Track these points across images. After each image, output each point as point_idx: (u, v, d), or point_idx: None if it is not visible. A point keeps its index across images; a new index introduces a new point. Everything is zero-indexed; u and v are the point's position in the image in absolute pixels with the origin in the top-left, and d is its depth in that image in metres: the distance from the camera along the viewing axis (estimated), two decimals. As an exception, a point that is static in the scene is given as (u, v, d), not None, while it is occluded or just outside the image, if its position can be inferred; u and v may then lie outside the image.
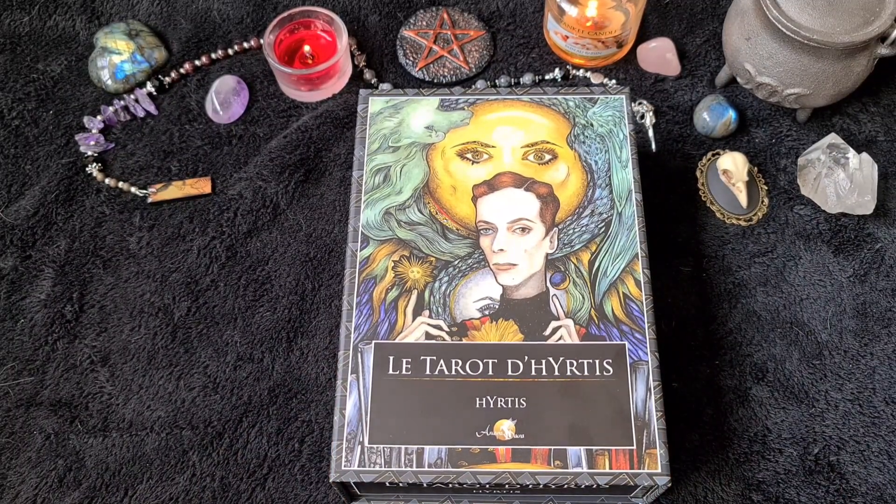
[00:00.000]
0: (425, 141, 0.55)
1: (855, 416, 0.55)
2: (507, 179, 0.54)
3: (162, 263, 0.61)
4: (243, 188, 0.64)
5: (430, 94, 0.57)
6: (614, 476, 0.45)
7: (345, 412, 0.47)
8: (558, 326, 0.49)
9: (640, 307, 0.50)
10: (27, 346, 0.59)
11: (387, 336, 0.49)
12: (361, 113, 0.56)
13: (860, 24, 0.56)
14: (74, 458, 0.55)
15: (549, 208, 0.53)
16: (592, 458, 0.46)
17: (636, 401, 0.47)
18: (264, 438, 0.55)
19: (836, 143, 0.60)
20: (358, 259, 0.51)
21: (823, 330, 0.58)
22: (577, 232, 0.52)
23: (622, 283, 0.50)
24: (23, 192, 0.65)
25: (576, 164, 0.54)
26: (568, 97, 0.57)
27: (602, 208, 0.53)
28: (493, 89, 0.58)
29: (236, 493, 0.54)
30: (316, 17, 0.68)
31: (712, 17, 0.71)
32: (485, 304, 0.50)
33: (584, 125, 0.56)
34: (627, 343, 0.49)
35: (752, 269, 0.60)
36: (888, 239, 0.61)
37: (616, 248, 0.51)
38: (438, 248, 0.52)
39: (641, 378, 0.48)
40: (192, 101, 0.68)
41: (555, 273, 0.51)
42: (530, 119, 0.56)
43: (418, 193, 0.54)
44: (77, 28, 0.72)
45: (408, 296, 0.50)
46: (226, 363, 0.58)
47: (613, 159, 0.54)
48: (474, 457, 0.46)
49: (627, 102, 0.57)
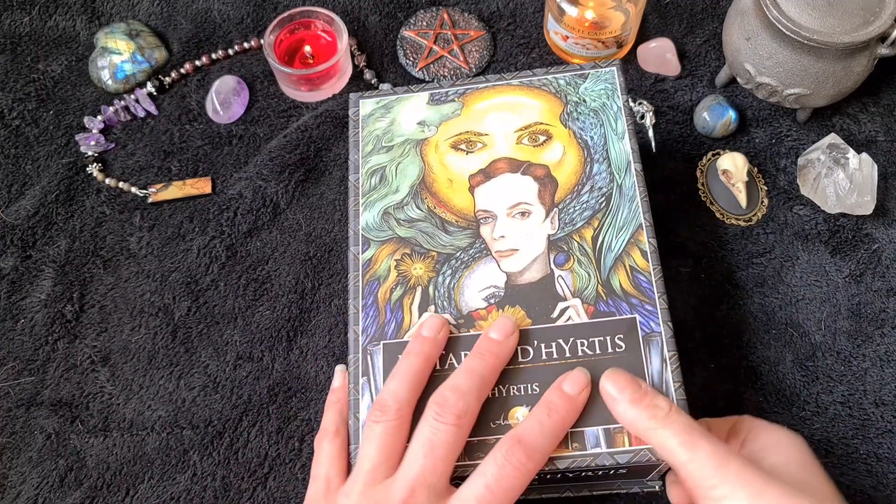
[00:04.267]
0: (418, 137, 0.55)
1: (844, 418, 0.55)
2: (502, 166, 0.53)
3: (162, 263, 0.62)
4: (243, 188, 0.64)
5: (419, 89, 0.57)
6: (635, 453, 0.44)
7: (359, 416, 0.46)
8: (566, 307, 0.48)
9: (649, 278, 0.48)
10: (27, 346, 0.59)
11: (394, 335, 0.48)
12: (353, 116, 0.56)
13: (860, 24, 0.56)
14: (75, 457, 0.55)
15: (547, 189, 0.52)
16: (611, 436, 0.44)
17: (652, 373, 0.46)
18: (265, 437, 0.55)
19: (835, 144, 0.60)
20: (360, 262, 0.51)
21: (818, 331, 0.57)
22: (578, 209, 0.51)
23: (628, 256, 0.49)
24: (23, 192, 0.65)
25: (571, 141, 0.53)
26: (558, 76, 0.56)
27: (601, 183, 0.52)
28: (481, 77, 0.57)
29: (238, 492, 0.54)
30: (316, 17, 0.68)
31: (712, 17, 0.71)
32: (490, 293, 0.49)
33: (576, 102, 0.55)
34: (638, 316, 0.47)
35: (749, 269, 0.60)
36: (886, 239, 0.60)
37: (619, 221, 0.50)
38: (439, 242, 0.51)
39: (655, 350, 0.46)
40: (192, 101, 0.68)
41: (558, 254, 0.50)
42: (521, 102, 0.55)
43: (415, 190, 0.53)
44: (77, 28, 0.72)
45: (412, 293, 0.50)
46: (226, 362, 0.58)
47: (609, 132, 0.53)
48: (491, 448, 0.44)
49: (619, 74, 0.55)
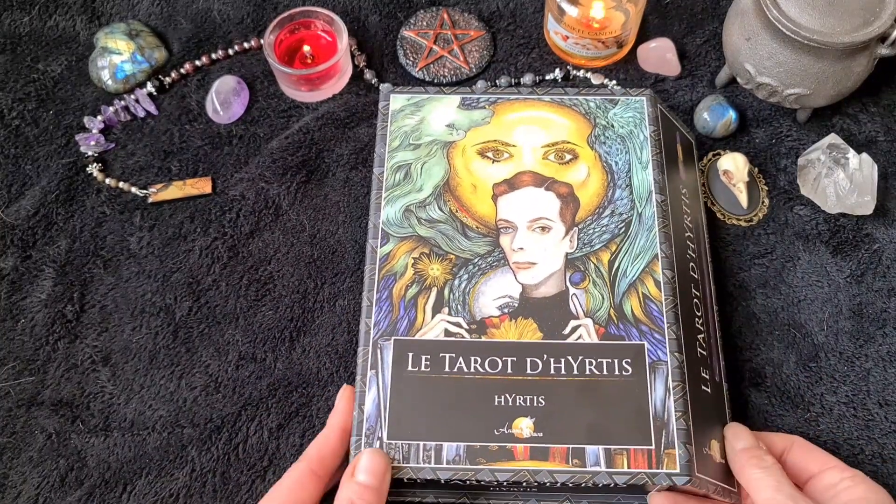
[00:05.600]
0: (446, 139, 0.55)
1: (849, 419, 0.55)
2: (527, 178, 0.54)
3: (163, 263, 0.62)
4: (245, 189, 0.64)
5: (451, 92, 0.57)
6: (632, 475, 0.45)
7: (364, 408, 0.47)
8: (577, 325, 0.49)
9: (660, 308, 0.49)
10: (28, 346, 0.59)
11: (406, 332, 0.49)
12: (383, 110, 0.57)
13: (860, 24, 0.56)
14: (76, 457, 0.55)
15: (569, 208, 0.53)
16: (611, 457, 0.45)
17: (655, 400, 0.47)
18: (264, 433, 0.55)
19: (836, 144, 0.61)
20: (378, 255, 0.51)
21: (820, 332, 0.58)
22: (598, 232, 0.52)
23: (642, 284, 0.50)
24: (23, 192, 0.65)
25: (596, 164, 0.54)
26: (589, 98, 0.57)
27: (622, 208, 0.53)
28: (514, 88, 0.58)
29: (236, 485, 0.54)
30: (316, 17, 0.68)
31: (712, 17, 0.71)
32: (504, 303, 0.50)
33: (604, 126, 0.56)
34: (646, 343, 0.48)
35: (752, 270, 0.60)
36: (886, 239, 0.61)
37: (636, 249, 0.51)
38: (458, 246, 0.52)
39: (660, 378, 0.47)
40: (192, 101, 0.68)
41: (574, 272, 0.51)
42: (551, 119, 0.56)
43: (439, 191, 0.53)
44: (77, 28, 0.72)
45: (427, 293, 0.50)
46: (228, 362, 0.58)
47: (634, 160, 0.54)
48: (493, 454, 0.45)
49: (649, 104, 0.56)
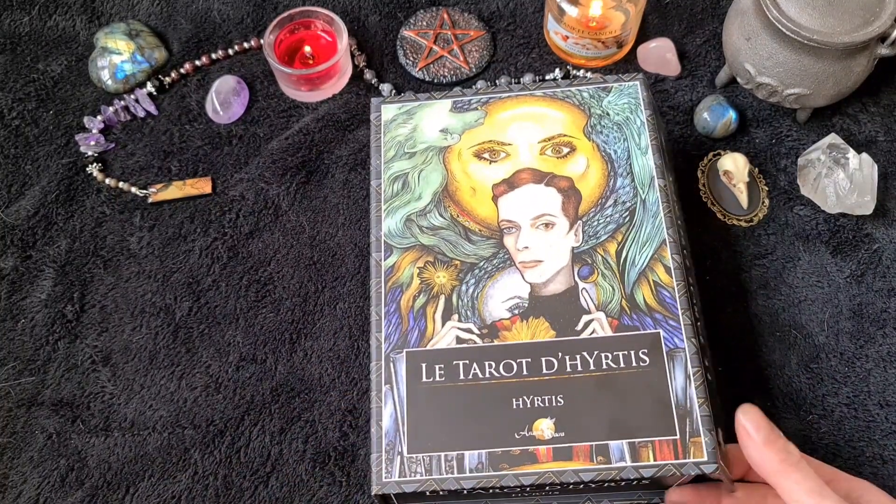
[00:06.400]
0: (441, 144, 0.55)
1: (850, 420, 0.55)
2: (526, 176, 0.53)
3: (163, 263, 0.62)
4: (245, 189, 0.64)
5: (441, 96, 0.56)
6: (660, 468, 0.43)
7: (381, 423, 0.46)
8: (590, 320, 0.48)
9: (672, 293, 0.48)
10: (28, 346, 0.59)
11: (417, 343, 0.48)
12: (375, 122, 0.56)
13: (860, 24, 0.56)
14: (76, 457, 0.55)
15: (571, 201, 0.52)
16: (636, 450, 0.44)
17: (676, 389, 0.45)
18: (267, 437, 0.55)
19: (836, 144, 0.61)
20: (383, 268, 0.50)
21: (821, 332, 0.58)
22: (602, 223, 0.51)
23: (651, 271, 0.49)
24: (23, 192, 0.65)
25: (595, 154, 0.53)
26: (581, 88, 0.56)
27: (625, 197, 0.52)
28: (504, 86, 0.57)
29: (239, 490, 0.54)
30: (316, 17, 0.68)
31: (712, 17, 0.71)
32: (514, 304, 0.49)
33: (599, 115, 0.55)
34: (662, 331, 0.47)
35: (752, 271, 0.60)
36: (886, 239, 0.61)
37: (643, 236, 0.50)
38: (462, 251, 0.51)
39: (679, 365, 0.46)
40: (192, 101, 0.68)
41: (582, 266, 0.50)
42: (545, 113, 0.55)
43: (438, 198, 0.53)
44: (77, 28, 0.72)
45: (435, 301, 0.49)
46: (228, 363, 0.58)
47: (633, 147, 0.53)
48: (515, 458, 0.44)
49: (642, 88, 0.55)
